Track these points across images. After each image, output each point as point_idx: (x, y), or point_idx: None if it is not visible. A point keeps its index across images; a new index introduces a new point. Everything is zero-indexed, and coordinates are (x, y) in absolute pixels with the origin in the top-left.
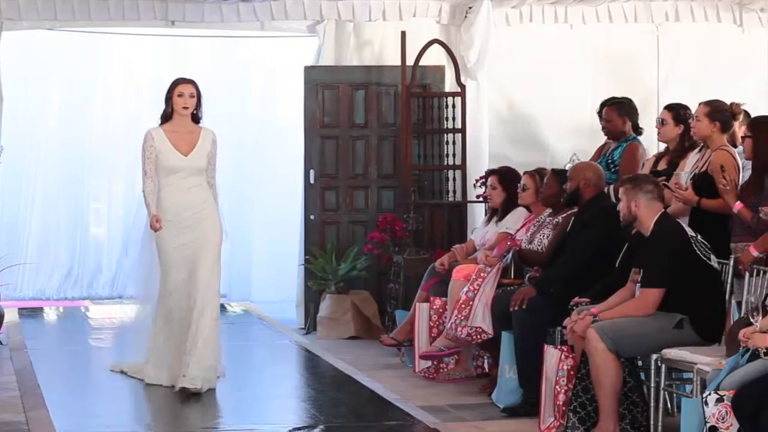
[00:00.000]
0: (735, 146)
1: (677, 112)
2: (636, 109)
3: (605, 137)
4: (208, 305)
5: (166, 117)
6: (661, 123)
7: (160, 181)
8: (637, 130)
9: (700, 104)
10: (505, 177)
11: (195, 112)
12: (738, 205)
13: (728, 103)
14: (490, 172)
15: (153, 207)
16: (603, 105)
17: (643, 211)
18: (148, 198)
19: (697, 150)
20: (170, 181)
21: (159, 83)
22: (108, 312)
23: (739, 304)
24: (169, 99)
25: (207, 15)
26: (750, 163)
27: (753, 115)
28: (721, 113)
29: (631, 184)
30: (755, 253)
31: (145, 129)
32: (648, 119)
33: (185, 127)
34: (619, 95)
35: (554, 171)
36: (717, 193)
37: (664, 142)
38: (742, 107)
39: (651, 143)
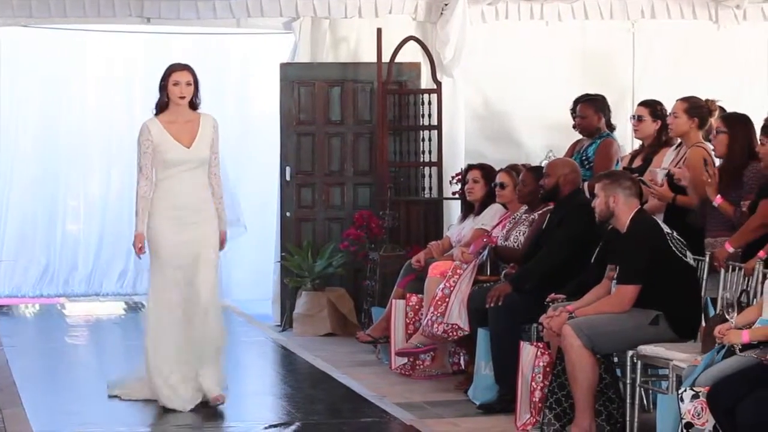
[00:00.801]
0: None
1: (654, 108)
2: (609, 106)
3: (578, 134)
4: (213, 315)
5: (162, 107)
6: (639, 119)
7: (158, 174)
8: (611, 127)
9: (677, 101)
10: (488, 172)
11: (193, 99)
12: (718, 199)
13: (703, 99)
14: (471, 167)
15: (142, 220)
16: (577, 102)
17: (621, 207)
18: (139, 204)
19: (673, 147)
20: (169, 175)
21: (134, 80)
22: (84, 309)
23: (713, 300)
24: (163, 88)
25: (183, 12)
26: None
27: (729, 111)
28: (698, 109)
29: (610, 180)
30: (731, 249)
31: (120, 125)
32: (622, 116)
33: (183, 116)
34: (593, 92)
35: (530, 168)
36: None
37: (641, 138)
38: (717, 104)
39: (624, 140)
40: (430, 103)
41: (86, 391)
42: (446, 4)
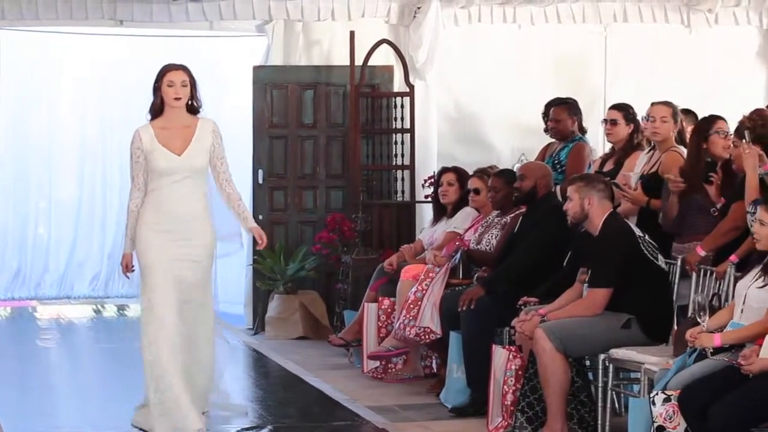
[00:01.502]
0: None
1: (627, 111)
2: (580, 109)
3: (550, 138)
4: (204, 342)
5: (156, 111)
6: (613, 123)
7: (148, 185)
8: (582, 130)
9: (661, 105)
10: (463, 175)
11: (190, 102)
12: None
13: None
14: (445, 170)
15: (130, 238)
16: (549, 105)
17: (595, 210)
18: (129, 219)
19: (646, 151)
20: (159, 186)
21: (107, 82)
22: (56, 312)
23: (680, 308)
24: (157, 89)
25: (155, 15)
26: None
27: (699, 115)
28: (678, 115)
29: (584, 182)
30: (702, 253)
31: (92, 127)
32: (594, 119)
33: (179, 120)
34: (566, 95)
35: (498, 173)
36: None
37: (614, 142)
38: (680, 107)
39: (595, 143)
40: (402, 106)
41: (58, 394)
42: (419, 8)
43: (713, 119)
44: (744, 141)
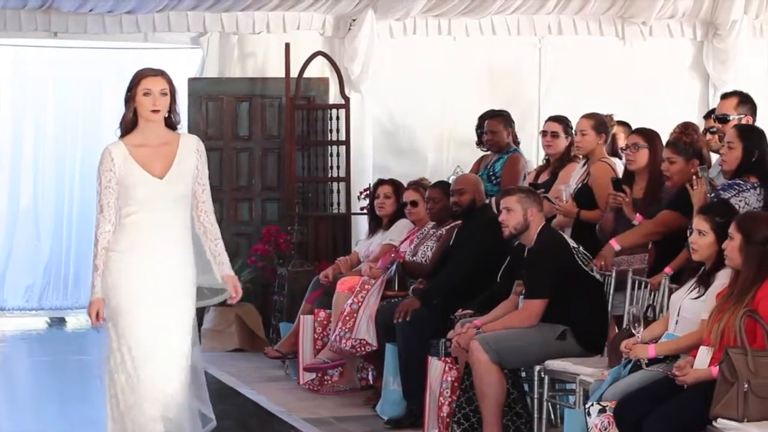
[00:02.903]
0: (617, 156)
1: (566, 123)
2: (513, 120)
3: (485, 150)
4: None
5: (128, 126)
6: (554, 135)
7: (123, 211)
8: (516, 141)
9: (583, 118)
10: (399, 188)
11: (169, 115)
12: (639, 218)
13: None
14: (381, 182)
15: (99, 282)
16: (484, 118)
17: (536, 221)
18: (98, 257)
19: (581, 163)
20: (134, 212)
21: (43, 95)
22: None
23: (615, 318)
24: (130, 99)
25: (90, 26)
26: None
27: (633, 126)
28: (604, 125)
29: (525, 194)
30: (617, 247)
31: (28, 139)
32: (528, 131)
33: (157, 137)
34: (500, 107)
35: (436, 185)
36: (596, 204)
37: (553, 154)
38: (615, 118)
39: (528, 155)
40: (338, 118)
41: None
42: (354, 20)
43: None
44: (696, 176)
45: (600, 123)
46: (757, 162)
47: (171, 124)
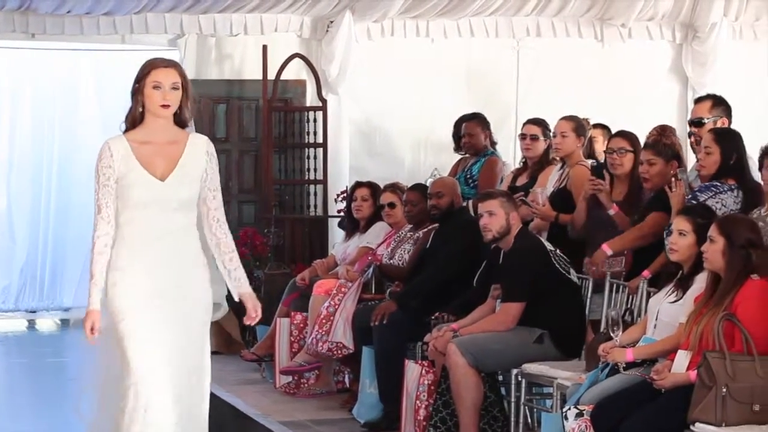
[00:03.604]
0: (595, 159)
1: (545, 126)
2: (489, 123)
3: (462, 152)
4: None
5: (135, 120)
6: (534, 138)
7: (121, 216)
8: (493, 144)
9: (562, 120)
10: (377, 190)
11: (180, 111)
12: (614, 208)
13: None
14: (359, 184)
15: (98, 288)
16: (462, 121)
17: (516, 225)
18: (95, 263)
19: (558, 166)
20: (133, 218)
21: (20, 95)
22: None
23: (592, 323)
24: (138, 92)
25: (67, 28)
26: None
27: (611, 128)
28: (583, 128)
29: (506, 198)
30: (609, 251)
31: (2, 140)
32: (506, 133)
33: (164, 135)
34: (478, 109)
35: (413, 187)
36: (574, 208)
37: (532, 157)
38: (591, 121)
39: (505, 157)
40: (315, 120)
41: None
42: (332, 22)
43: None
44: (675, 178)
45: (579, 125)
46: (735, 164)
47: (181, 121)
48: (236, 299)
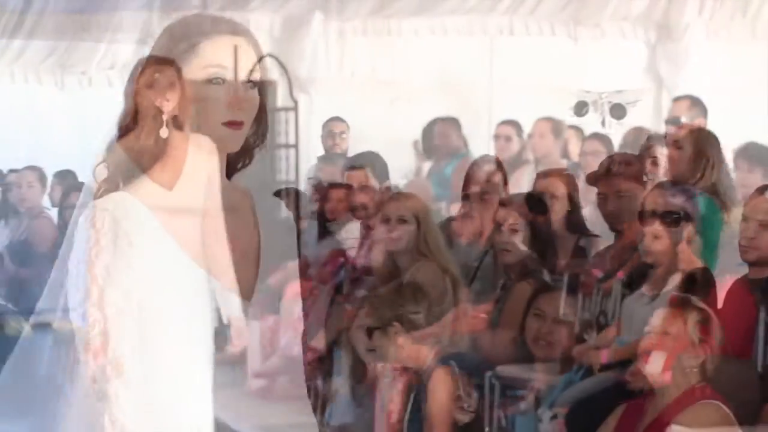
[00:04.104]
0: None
1: (519, 127)
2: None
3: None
4: None
5: (128, 124)
6: (508, 140)
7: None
8: (465, 144)
9: (542, 120)
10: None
11: (178, 114)
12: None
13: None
14: (333, 185)
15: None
16: (434, 123)
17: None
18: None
19: (532, 167)
20: None
21: None
22: None
23: (566, 324)
24: (132, 93)
25: None
26: None
27: (583, 130)
28: (560, 129)
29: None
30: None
31: None
32: (479, 134)
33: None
34: (451, 109)
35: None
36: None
37: (507, 158)
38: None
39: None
40: (287, 121)
41: None
42: (303, 21)
43: None
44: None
45: (557, 126)
46: (708, 165)
47: (179, 124)
48: (222, 317)
